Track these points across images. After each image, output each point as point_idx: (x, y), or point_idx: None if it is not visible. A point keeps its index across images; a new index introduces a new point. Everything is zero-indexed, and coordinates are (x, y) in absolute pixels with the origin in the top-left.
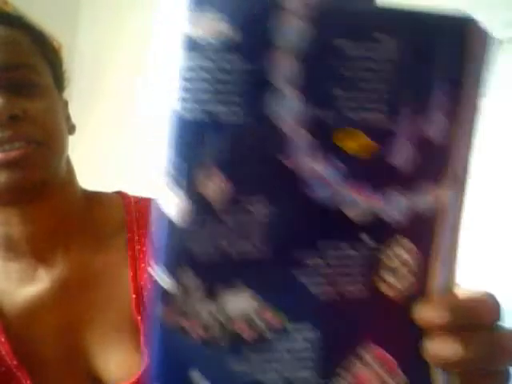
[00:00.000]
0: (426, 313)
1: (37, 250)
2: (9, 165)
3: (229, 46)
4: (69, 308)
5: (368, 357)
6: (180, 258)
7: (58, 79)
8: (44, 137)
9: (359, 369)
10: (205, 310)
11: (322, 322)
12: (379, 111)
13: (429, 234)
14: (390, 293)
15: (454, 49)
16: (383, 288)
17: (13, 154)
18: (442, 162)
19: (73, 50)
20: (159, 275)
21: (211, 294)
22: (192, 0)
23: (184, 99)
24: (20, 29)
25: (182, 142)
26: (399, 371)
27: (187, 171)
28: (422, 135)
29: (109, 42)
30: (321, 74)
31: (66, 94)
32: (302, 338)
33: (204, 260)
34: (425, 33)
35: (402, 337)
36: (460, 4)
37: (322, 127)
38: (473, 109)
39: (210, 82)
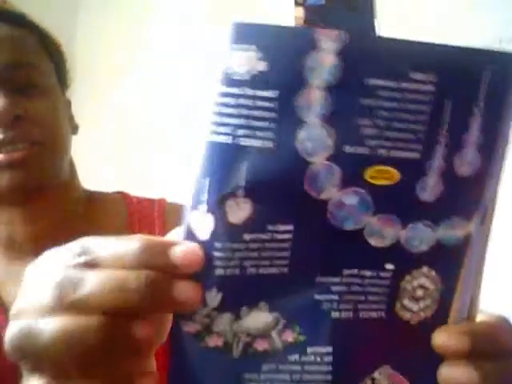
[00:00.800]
0: (445, 338)
1: (40, 250)
2: (11, 166)
3: (263, 81)
4: None
5: (383, 380)
6: (203, 276)
7: (62, 78)
8: (47, 137)
9: None
10: (224, 322)
11: (340, 345)
12: (414, 150)
13: (454, 264)
14: (411, 319)
15: (497, 87)
16: (404, 315)
17: (15, 154)
18: (474, 197)
19: (71, 49)
20: None
21: (231, 308)
22: (231, 36)
23: (218, 126)
24: (24, 27)
25: (214, 166)
26: None
27: (217, 195)
28: (455, 173)
29: (108, 42)
30: (353, 112)
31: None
32: (320, 360)
33: (228, 279)
34: (463, 71)
35: (421, 363)
36: (460, 4)
37: (354, 164)
38: (505, 142)
39: (243, 115)
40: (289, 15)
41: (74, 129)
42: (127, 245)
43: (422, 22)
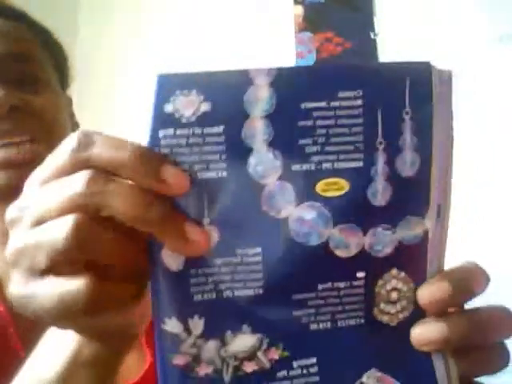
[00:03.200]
0: (428, 290)
1: None
2: (10, 165)
3: (209, 120)
4: None
5: (372, 383)
6: (183, 305)
7: (62, 75)
8: (45, 131)
9: None
10: (211, 350)
11: (324, 355)
12: (356, 160)
13: (419, 260)
14: (390, 321)
15: (420, 92)
16: (383, 318)
17: (14, 154)
18: (423, 196)
19: (72, 48)
20: (167, 323)
21: (216, 335)
22: (173, 82)
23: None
24: (25, 24)
25: (175, 201)
26: None
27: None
28: (400, 175)
29: (107, 42)
30: (294, 134)
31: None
32: (305, 368)
33: (207, 304)
34: (387, 83)
35: (404, 360)
36: (460, 2)
37: (304, 180)
38: (446, 142)
39: (196, 152)
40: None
41: (75, 126)
42: (123, 153)
43: (421, 21)
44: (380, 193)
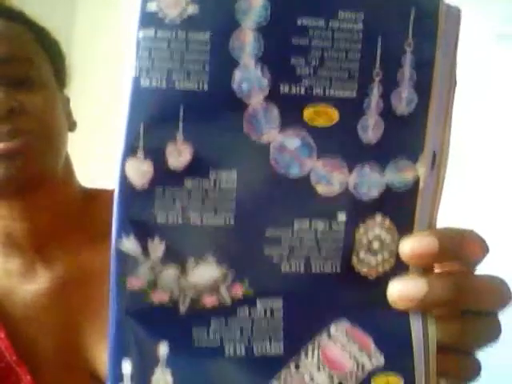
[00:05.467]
0: (412, 242)
1: (35, 247)
2: (7, 156)
3: (195, 24)
4: (67, 305)
5: (340, 334)
6: (145, 225)
7: (59, 75)
8: (42, 131)
9: (329, 345)
10: (169, 277)
11: (292, 300)
12: (349, 89)
13: (406, 210)
14: (369, 274)
15: (425, 25)
16: (362, 269)
17: (10, 145)
18: (417, 139)
19: (69, 45)
20: (124, 243)
21: (177, 261)
22: None
23: (151, 71)
24: (20, 23)
25: (148, 111)
26: (375, 350)
27: (155, 140)
28: (394, 112)
29: (104, 38)
30: (286, 52)
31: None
32: (269, 310)
33: (170, 228)
34: (391, 9)
35: (379, 317)
36: (458, 1)
37: (291, 104)
38: (447, 86)
39: (177, 58)
40: None
41: (72, 125)
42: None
43: None
44: (371, 128)
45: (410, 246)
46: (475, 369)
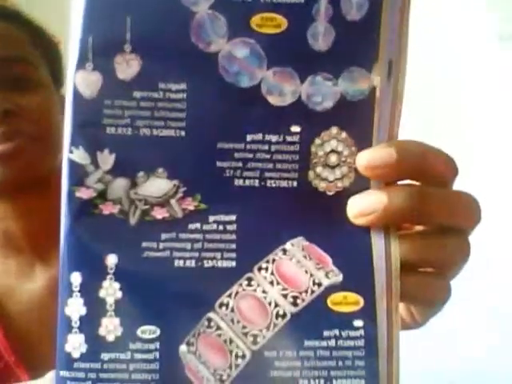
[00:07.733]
0: (369, 154)
1: (34, 247)
2: (3, 158)
3: None
4: None
5: (296, 250)
6: (95, 136)
7: (57, 75)
8: (39, 132)
9: (284, 261)
10: (119, 189)
11: (245, 214)
12: None
13: (363, 121)
14: (327, 189)
15: None
16: (319, 184)
17: (5, 147)
18: (370, 46)
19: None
20: (74, 152)
21: (127, 174)
22: None
23: None
24: (17, 23)
25: (95, 22)
26: (333, 267)
27: (103, 51)
28: (344, 17)
29: None
30: None
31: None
32: (222, 224)
33: (120, 139)
34: None
35: (337, 233)
36: (459, 1)
37: (238, 11)
38: None
39: None
40: None
41: None
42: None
43: (420, 19)
44: (321, 35)
45: (366, 157)
46: (445, 292)
